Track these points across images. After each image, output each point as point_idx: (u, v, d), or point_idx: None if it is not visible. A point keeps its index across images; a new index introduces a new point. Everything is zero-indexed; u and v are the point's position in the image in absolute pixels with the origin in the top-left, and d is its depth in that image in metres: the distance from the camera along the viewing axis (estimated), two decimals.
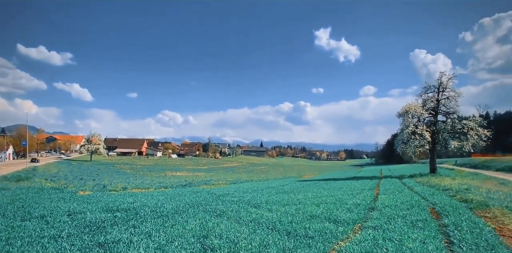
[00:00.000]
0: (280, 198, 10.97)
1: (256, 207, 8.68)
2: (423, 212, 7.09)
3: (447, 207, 7.77)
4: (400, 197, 10.02)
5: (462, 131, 21.57)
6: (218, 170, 60.42)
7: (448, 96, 22.71)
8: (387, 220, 6.35)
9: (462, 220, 6.15)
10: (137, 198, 10.89)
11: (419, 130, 21.63)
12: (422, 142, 21.65)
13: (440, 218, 6.49)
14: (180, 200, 10.44)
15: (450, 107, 22.67)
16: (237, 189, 16.03)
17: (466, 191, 11.15)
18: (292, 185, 19.21)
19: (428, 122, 23.26)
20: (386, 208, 7.86)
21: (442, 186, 13.33)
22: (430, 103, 22.98)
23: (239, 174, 47.50)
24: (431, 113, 23.01)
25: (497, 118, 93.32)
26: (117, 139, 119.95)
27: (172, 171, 47.45)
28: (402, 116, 22.87)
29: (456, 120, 22.28)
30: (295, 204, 9.21)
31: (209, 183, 25.32)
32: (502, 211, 7.52)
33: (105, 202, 9.62)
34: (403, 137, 22.14)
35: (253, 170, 66.78)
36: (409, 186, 14.70)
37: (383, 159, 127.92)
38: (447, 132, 22.03)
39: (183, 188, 19.33)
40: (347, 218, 6.70)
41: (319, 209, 8.12)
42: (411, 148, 21.91)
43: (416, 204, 8.39)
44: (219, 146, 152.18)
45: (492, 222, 6.35)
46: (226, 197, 11.43)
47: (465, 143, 21.43)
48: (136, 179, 28.67)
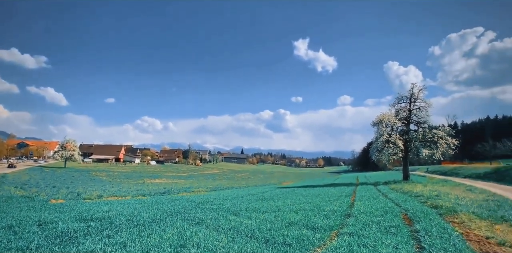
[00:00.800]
0: (260, 205, 10.92)
1: (235, 215, 8.59)
2: (396, 218, 7.29)
3: (418, 213, 8.02)
4: (375, 204, 10.25)
5: (432, 140, 22.47)
6: (198, 177, 59.51)
7: (419, 106, 23.66)
8: (362, 227, 6.47)
9: (432, 225, 6.36)
10: (112, 207, 10.50)
11: (392, 139, 22.35)
12: (395, 150, 22.34)
13: (412, 224, 6.68)
14: (158, 208, 10.17)
15: (421, 117, 23.61)
16: (217, 197, 15.83)
17: (436, 198, 11.57)
18: (272, 192, 19.21)
19: (401, 131, 24.07)
20: (362, 215, 8.01)
21: (414, 193, 13.76)
22: (403, 113, 23.83)
23: (219, 181, 46.95)
24: (404, 122, 23.85)
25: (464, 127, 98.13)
26: (93, 145, 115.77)
27: (151, 178, 46.23)
28: (377, 125, 23.57)
29: (427, 129, 23.20)
30: (274, 211, 9.21)
31: (188, 190, 24.87)
32: (469, 217, 7.85)
33: (78, 211, 9.22)
34: (378, 145, 22.77)
35: (233, 177, 66.27)
36: (384, 193, 15.06)
37: (360, 166, 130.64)
38: (418, 141, 22.87)
39: (162, 195, 18.88)
40: (324, 224, 6.76)
41: (298, 216, 8.16)
42: (385, 156, 22.54)
43: (389, 210, 8.61)
44: (200, 153, 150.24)
45: (459, 227, 6.61)
46: (206, 205, 11.26)
47: (435, 151, 22.31)
48: (113, 186, 27.70)
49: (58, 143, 72.45)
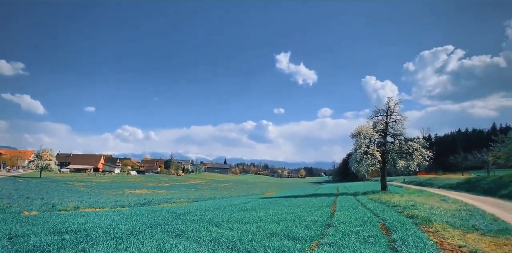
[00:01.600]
0: (242, 216, 10.79)
1: (217, 226, 8.44)
2: (374, 228, 7.38)
3: (395, 223, 8.16)
4: (354, 214, 10.35)
5: (408, 152, 23.14)
6: (180, 187, 58.23)
7: (395, 119, 24.40)
8: (342, 236, 6.51)
9: (408, 235, 6.48)
10: (89, 219, 10.07)
11: (370, 150, 22.86)
12: (373, 161, 22.82)
13: (389, 234, 6.79)
14: (137, 220, 9.84)
15: (397, 129, 24.32)
16: (199, 207, 15.51)
17: (413, 207, 11.82)
18: (255, 203, 19.04)
19: (378, 142, 24.65)
20: (341, 225, 8.06)
21: (392, 203, 14.01)
22: (380, 126, 24.48)
23: (202, 191, 46.11)
24: (381, 134, 24.49)
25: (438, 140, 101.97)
26: (71, 154, 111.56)
27: (131, 189, 44.79)
28: (355, 137, 24.05)
29: (403, 141, 23.89)
30: (256, 222, 9.11)
31: (170, 201, 24.26)
32: (443, 226, 8.07)
33: (53, 223, 8.77)
34: (357, 156, 23.20)
35: (216, 187, 65.29)
36: (363, 203, 15.26)
37: (340, 176, 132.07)
38: (395, 152, 23.49)
39: (142, 206, 18.32)
40: (305, 235, 6.75)
41: (279, 226, 8.11)
42: (364, 166, 22.95)
43: (368, 220, 8.71)
44: (182, 162, 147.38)
45: (434, 236, 6.77)
46: (187, 216, 11.00)
47: (411, 163, 22.94)
48: (90, 197, 26.62)
49: (34, 152, 69.21)
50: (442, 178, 42.85)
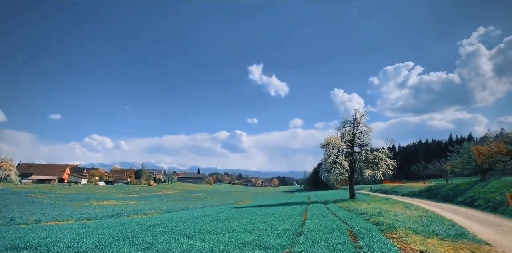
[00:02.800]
0: (215, 226, 10.56)
1: (188, 237, 8.19)
2: (342, 235, 7.51)
3: (362, 230, 8.35)
4: (324, 222, 10.49)
5: (374, 161, 23.99)
6: (151, 198, 56.06)
7: (362, 130, 25.29)
8: (312, 244, 6.56)
9: (374, 241, 6.66)
10: (51, 232, 9.39)
11: (339, 160, 23.48)
12: (342, 170, 23.41)
13: (356, 241, 6.94)
14: (103, 232, 9.31)
15: (364, 140, 25.19)
16: (171, 218, 15.00)
17: (378, 215, 12.19)
18: (228, 212, 18.73)
19: (346, 152, 25.38)
20: (312, 233, 8.13)
21: (359, 210, 14.36)
22: (348, 136, 25.25)
23: (174, 202, 44.70)
24: (349, 144, 25.26)
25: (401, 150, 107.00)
26: (33, 164, 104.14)
27: (99, 200, 42.47)
28: (325, 147, 24.61)
29: (369, 151, 24.76)
30: (229, 232, 8.96)
31: (140, 212, 23.28)
32: (406, 232, 8.38)
33: (10, 238, 8.07)
34: (326, 165, 23.71)
35: (189, 197, 63.60)
36: (332, 211, 15.51)
37: (311, 185, 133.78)
38: (362, 162, 24.27)
39: (110, 219, 17.41)
40: (276, 244, 6.73)
41: (252, 236, 8.02)
42: (333, 175, 23.45)
43: (337, 228, 8.86)
44: (154, 172, 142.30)
45: (398, 242, 7.01)
46: (157, 228, 10.58)
47: (377, 172, 23.79)
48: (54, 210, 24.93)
49: None
50: (406, 186, 44.80)
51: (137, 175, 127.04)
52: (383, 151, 24.95)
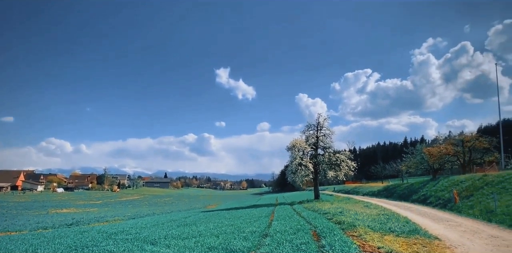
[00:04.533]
0: (181, 232, 10.27)
1: (153, 244, 7.88)
2: (306, 235, 7.67)
3: (325, 229, 8.59)
4: (290, 222, 10.65)
5: (336, 163, 24.86)
6: (115, 204, 53.26)
7: (325, 133, 26.07)
8: (277, 245, 6.62)
9: (335, 240, 6.87)
10: (1, 245, 8.57)
11: (304, 162, 24.04)
12: (307, 172, 23.98)
13: (319, 240, 7.12)
14: (60, 242, 8.68)
15: (327, 142, 25.98)
16: (135, 225, 14.35)
17: (340, 214, 12.61)
18: (195, 217, 18.34)
19: (311, 155, 26.05)
20: (277, 234, 8.20)
21: (323, 210, 14.75)
22: (312, 139, 25.92)
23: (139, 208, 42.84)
24: (313, 147, 25.95)
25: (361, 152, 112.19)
26: None
27: (57, 208, 39.52)
28: (290, 150, 25.09)
29: (332, 153, 25.60)
30: (195, 237, 8.75)
31: (102, 220, 22.04)
32: (365, 230, 8.75)
33: None
34: (292, 168, 24.17)
35: (156, 202, 61.29)
36: (298, 212, 15.80)
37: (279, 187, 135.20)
38: (325, 164, 25.03)
39: (68, 227, 16.29)
40: (242, 246, 6.70)
41: (218, 240, 7.91)
42: (299, 177, 23.94)
43: (301, 228, 9.03)
44: (117, 177, 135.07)
45: (357, 240, 7.30)
46: (120, 235, 10.07)
47: (339, 173, 24.66)
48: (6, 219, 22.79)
49: None
50: (366, 186, 46.90)
51: (99, 180, 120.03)
52: (345, 153, 25.93)
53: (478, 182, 19.09)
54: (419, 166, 36.66)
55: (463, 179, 21.58)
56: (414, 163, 38.09)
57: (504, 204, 13.79)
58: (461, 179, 21.93)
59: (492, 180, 18.14)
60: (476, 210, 14.96)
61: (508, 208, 13.16)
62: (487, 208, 14.51)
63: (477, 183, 19.12)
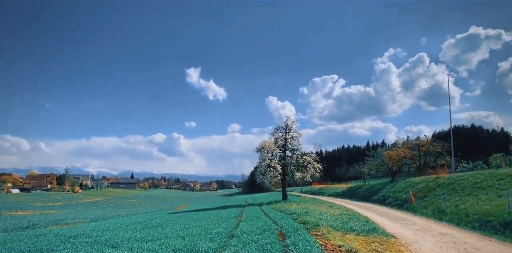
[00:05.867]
0: (146, 234, 9.88)
1: (114, 247, 7.49)
2: (272, 235, 7.71)
3: (290, 229, 8.70)
4: (257, 223, 10.66)
5: (303, 165, 25.36)
6: (76, 206, 50.19)
7: (293, 136, 26.45)
8: (243, 246, 6.58)
9: (299, 240, 6.98)
10: None
11: (272, 164, 24.28)
12: (275, 173, 24.23)
13: (284, 240, 7.19)
14: (12, 247, 7.98)
15: (294, 145, 26.39)
16: (96, 228, 13.59)
17: (306, 214, 12.84)
18: (162, 218, 17.76)
19: (279, 156, 26.35)
20: (244, 234, 8.17)
21: (290, 211, 14.94)
22: (280, 141, 26.23)
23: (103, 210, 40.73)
24: (281, 149, 26.26)
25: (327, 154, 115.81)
26: None
27: (11, 210, 36.39)
28: (260, 151, 25.21)
29: (299, 155, 26.06)
30: (160, 239, 8.46)
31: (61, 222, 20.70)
32: (328, 229, 9.00)
33: None
34: (261, 169, 24.30)
35: (121, 204, 58.60)
36: (266, 212, 15.87)
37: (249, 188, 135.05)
38: (293, 165, 25.45)
39: (23, 231, 15.12)
40: (208, 248, 6.58)
41: (184, 241, 7.70)
42: (267, 178, 24.12)
43: (268, 228, 9.07)
44: (80, 178, 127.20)
45: (320, 239, 7.47)
46: (79, 238, 9.47)
47: (306, 174, 25.17)
48: None
49: None
50: (331, 188, 48.42)
51: (59, 181, 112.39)
52: (311, 155, 26.56)
53: (431, 184, 20.41)
54: (380, 168, 38.45)
55: (419, 181, 22.97)
56: (375, 165, 39.91)
57: (453, 204, 14.87)
58: (416, 181, 23.32)
59: (444, 182, 19.48)
60: (429, 210, 16.00)
61: (456, 207, 14.20)
62: (439, 208, 15.56)
63: (430, 184, 20.43)
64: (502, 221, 10.51)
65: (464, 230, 10.74)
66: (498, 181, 15.47)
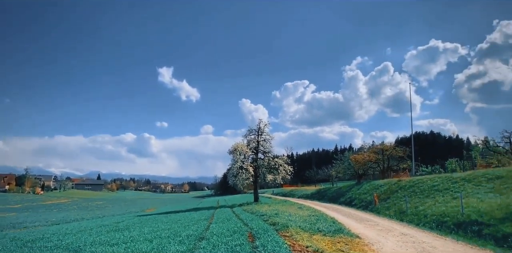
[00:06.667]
0: (111, 237, 9.41)
1: (76, 252, 7.06)
2: (242, 237, 7.66)
3: (260, 230, 8.69)
4: (228, 225, 10.55)
5: (274, 167, 25.59)
6: (37, 208, 46.79)
7: (265, 138, 26.63)
8: (212, 248, 6.48)
9: (268, 241, 6.99)
10: None
11: (245, 166, 24.27)
12: (247, 175, 24.22)
13: (254, 241, 7.17)
14: None
15: (266, 147, 26.58)
16: (58, 231, 12.75)
17: (276, 216, 12.91)
18: (129, 221, 17.04)
19: (251, 159, 26.41)
20: (214, 237, 8.04)
21: (260, 212, 14.93)
22: (253, 144, 26.30)
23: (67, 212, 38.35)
24: (254, 151, 26.33)
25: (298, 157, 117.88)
26: None
27: None
28: (232, 153, 25.11)
29: (271, 158, 26.27)
30: (126, 243, 8.08)
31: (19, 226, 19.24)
32: (296, 230, 9.10)
33: None
34: (234, 171, 24.19)
35: (86, 206, 55.42)
36: (237, 214, 15.78)
37: (221, 190, 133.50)
38: (264, 168, 25.60)
39: None
40: (176, 251, 6.40)
41: (152, 244, 7.43)
42: (240, 180, 24.05)
43: (238, 230, 9.00)
44: (41, 178, 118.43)
45: (288, 240, 7.53)
46: (38, 243, 8.82)
47: (277, 176, 25.41)
48: None
49: None
50: (301, 190, 49.26)
51: (19, 182, 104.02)
52: (283, 158, 26.89)
53: (393, 186, 21.40)
54: (347, 171, 39.80)
55: (382, 183, 24.00)
56: (342, 168, 41.24)
57: (414, 206, 15.66)
58: (380, 183, 24.35)
59: (405, 184, 20.49)
60: (391, 211, 16.72)
61: (416, 209, 14.96)
62: (400, 209, 16.31)
63: (393, 187, 21.41)
64: (456, 222, 11.20)
65: (422, 230, 11.32)
66: (453, 184, 16.51)
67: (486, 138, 30.01)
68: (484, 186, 14.44)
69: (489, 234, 9.26)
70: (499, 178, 14.49)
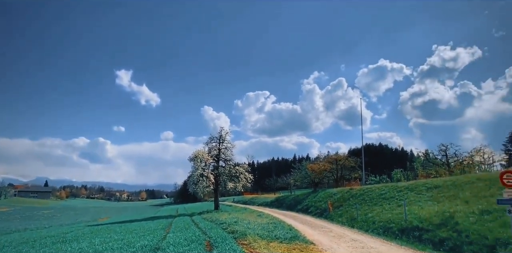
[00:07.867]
0: (56, 250, 8.52)
1: None
2: (200, 246, 7.41)
3: (219, 239, 8.49)
4: (186, 234, 10.14)
5: (235, 175, 25.42)
6: None
7: (226, 146, 26.45)
8: None
9: (226, 249, 6.85)
10: None
11: (206, 173, 23.80)
12: (208, 183, 23.71)
13: (211, 250, 6.98)
14: None
15: (228, 155, 26.36)
16: None
17: (235, 224, 12.72)
18: (79, 232, 15.59)
19: (212, 166, 26.00)
20: (170, 246, 7.66)
21: (220, 221, 14.63)
22: (214, 151, 25.96)
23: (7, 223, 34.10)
24: (215, 159, 25.96)
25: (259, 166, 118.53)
26: None
27: None
28: (193, 161, 24.49)
29: (232, 166, 26.08)
30: None
31: None
32: (254, 238, 9.05)
33: None
34: (194, 178, 23.55)
35: (30, 216, 49.72)
36: (196, 223, 15.27)
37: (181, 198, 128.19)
38: (225, 175, 25.30)
39: None
40: None
41: None
42: (200, 188, 23.43)
43: (196, 239, 8.70)
44: None
45: (246, 248, 7.45)
46: None
47: (238, 184, 25.23)
48: None
49: None
50: (261, 197, 49.32)
51: None
52: (244, 166, 26.88)
53: (346, 195, 22.34)
54: (304, 180, 40.81)
55: (336, 192, 24.94)
56: (300, 177, 42.22)
57: (364, 213, 16.42)
58: (334, 192, 25.27)
59: (356, 193, 21.49)
60: (344, 218, 17.36)
61: (366, 216, 15.69)
62: (352, 216, 17.01)
63: (345, 195, 22.34)
64: (400, 228, 11.94)
65: (371, 236, 11.89)
66: (398, 193, 17.61)
67: (427, 151, 32.59)
68: (424, 194, 15.54)
69: (428, 239, 10.02)
70: (437, 187, 15.74)
